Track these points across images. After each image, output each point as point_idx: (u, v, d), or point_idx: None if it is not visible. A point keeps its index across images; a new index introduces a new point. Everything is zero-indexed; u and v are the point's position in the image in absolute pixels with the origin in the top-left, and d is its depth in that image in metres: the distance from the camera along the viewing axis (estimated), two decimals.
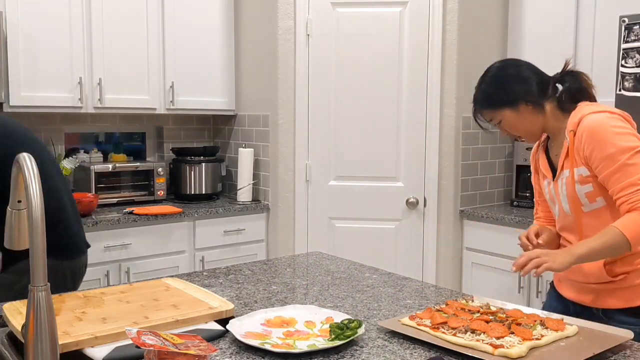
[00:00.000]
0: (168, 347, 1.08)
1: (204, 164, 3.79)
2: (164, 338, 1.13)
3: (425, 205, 3.52)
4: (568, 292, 1.80)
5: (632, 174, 1.58)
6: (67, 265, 2.06)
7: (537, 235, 1.83)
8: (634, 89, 2.66)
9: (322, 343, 1.31)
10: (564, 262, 1.56)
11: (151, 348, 1.08)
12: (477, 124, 1.90)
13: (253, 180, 3.78)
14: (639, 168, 1.58)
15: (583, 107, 1.71)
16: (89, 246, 2.21)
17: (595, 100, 1.77)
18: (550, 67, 1.90)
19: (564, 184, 1.73)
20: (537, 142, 1.92)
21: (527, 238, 1.80)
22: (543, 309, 1.88)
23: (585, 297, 1.74)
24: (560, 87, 1.78)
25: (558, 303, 1.84)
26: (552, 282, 1.92)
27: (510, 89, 1.76)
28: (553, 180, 1.79)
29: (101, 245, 3.11)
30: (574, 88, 1.75)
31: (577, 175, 1.68)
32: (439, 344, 1.28)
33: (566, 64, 1.80)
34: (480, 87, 1.84)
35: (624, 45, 2.69)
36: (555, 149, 1.82)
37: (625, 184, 1.58)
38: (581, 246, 1.60)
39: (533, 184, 1.99)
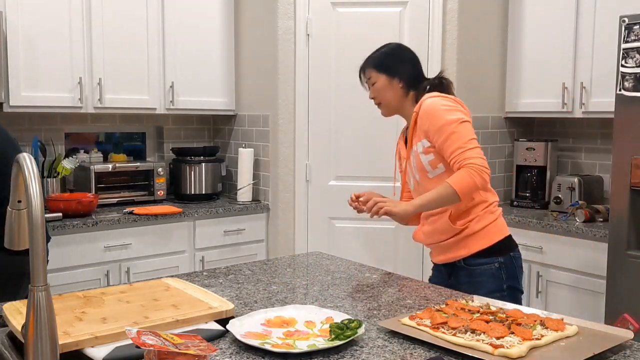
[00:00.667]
0: (168, 347, 1.08)
1: (204, 164, 3.79)
2: (164, 338, 1.13)
3: None
4: (436, 258, 2.13)
5: (458, 140, 1.92)
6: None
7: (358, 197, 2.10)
8: (634, 89, 2.66)
9: (322, 343, 1.31)
10: (404, 210, 1.95)
11: (151, 348, 1.07)
12: (359, 78, 2.22)
13: (253, 180, 3.78)
14: (463, 135, 1.92)
15: (426, 94, 2.07)
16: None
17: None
18: (551, 67, 1.90)
19: (414, 157, 2.06)
20: (400, 136, 2.27)
21: (352, 200, 2.11)
22: (430, 281, 2.18)
23: (447, 255, 2.06)
24: (428, 87, 2.13)
25: (436, 272, 2.17)
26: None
27: (398, 63, 2.15)
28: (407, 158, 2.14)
29: (101, 245, 3.11)
30: (433, 85, 2.12)
31: (421, 147, 2.02)
32: (439, 344, 1.28)
33: (441, 71, 2.22)
34: (380, 50, 2.22)
35: (624, 45, 2.69)
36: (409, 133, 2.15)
37: (454, 147, 1.92)
38: (419, 198, 1.97)
39: (400, 174, 2.28)
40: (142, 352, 1.22)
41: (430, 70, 3.47)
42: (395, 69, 2.13)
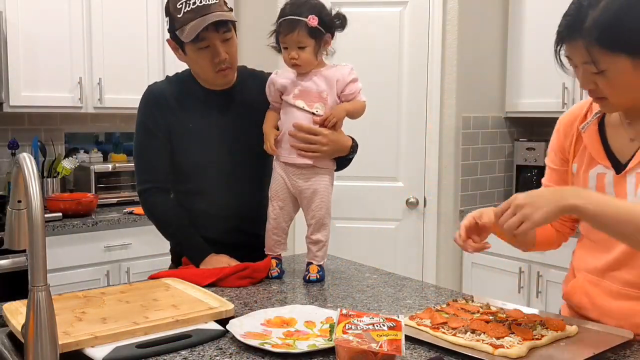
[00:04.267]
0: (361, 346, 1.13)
1: None
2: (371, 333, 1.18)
3: (425, 205, 3.52)
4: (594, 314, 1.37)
5: None
6: None
7: (472, 231, 1.40)
8: None
9: (322, 343, 1.30)
10: (550, 209, 1.16)
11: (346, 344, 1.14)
12: (557, 60, 1.32)
13: None
14: None
15: None
16: None
17: None
18: (551, 67, 1.90)
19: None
20: (583, 105, 1.45)
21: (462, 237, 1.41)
22: None
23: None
24: None
25: None
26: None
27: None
28: (617, 173, 1.34)
29: (101, 245, 3.11)
30: None
31: None
32: (439, 344, 1.28)
33: None
34: (602, 7, 1.20)
35: None
36: (626, 132, 1.35)
37: None
38: (585, 195, 1.19)
39: (549, 169, 1.52)
40: (142, 353, 1.23)
41: (430, 71, 3.48)
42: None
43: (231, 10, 1.89)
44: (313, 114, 1.80)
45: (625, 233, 1.18)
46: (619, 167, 1.33)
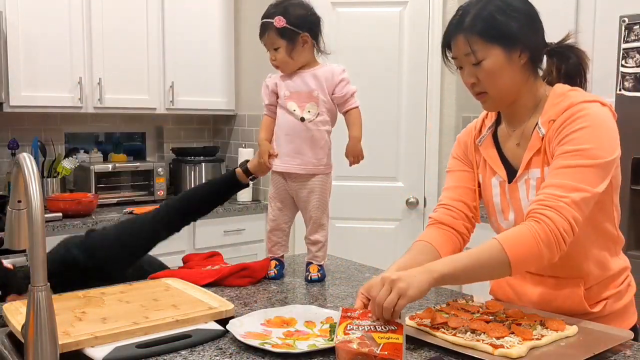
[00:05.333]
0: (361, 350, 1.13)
1: (204, 164, 3.79)
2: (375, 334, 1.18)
3: (425, 205, 3.52)
4: None
5: (574, 179, 1.26)
6: None
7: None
8: (634, 89, 2.66)
9: (322, 343, 1.30)
10: (422, 285, 1.21)
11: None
12: (444, 57, 1.44)
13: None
14: (586, 179, 1.26)
15: (570, 93, 1.37)
16: None
17: (585, 87, 1.45)
18: None
19: (531, 187, 1.37)
20: (475, 123, 1.57)
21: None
22: None
23: None
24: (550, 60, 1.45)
25: None
26: None
27: (516, 24, 1.33)
28: (509, 182, 1.44)
29: None
30: (572, 64, 1.42)
31: (541, 173, 1.37)
32: (439, 344, 1.28)
33: (568, 35, 1.45)
34: (479, 8, 1.35)
35: (624, 45, 2.69)
36: (513, 139, 1.46)
37: (557, 182, 1.27)
38: (445, 263, 1.27)
39: (453, 168, 1.59)
40: (142, 353, 1.23)
41: (430, 71, 3.48)
42: (515, 34, 1.34)
43: None
44: (302, 119, 1.81)
45: (482, 277, 1.30)
46: (512, 174, 1.43)
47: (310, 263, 1.90)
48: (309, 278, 1.85)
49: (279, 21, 1.80)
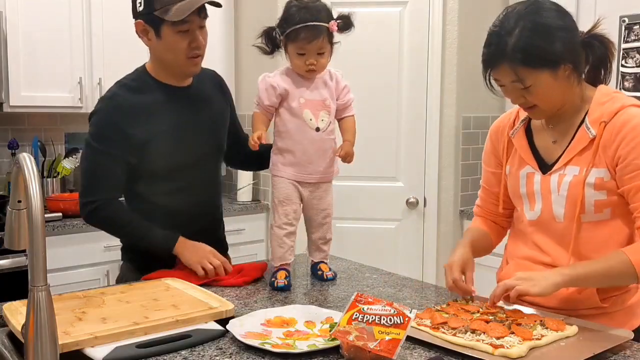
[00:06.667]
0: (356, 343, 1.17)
1: None
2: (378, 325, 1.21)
3: (425, 205, 3.52)
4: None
5: None
6: None
7: (463, 273, 1.52)
8: (634, 89, 2.66)
9: (322, 343, 1.31)
10: (549, 286, 1.33)
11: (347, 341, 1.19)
12: (488, 85, 1.48)
13: (253, 180, 3.78)
14: None
15: (616, 95, 1.42)
16: None
17: (609, 78, 1.50)
18: None
19: (566, 183, 1.42)
20: (510, 114, 1.63)
21: (456, 284, 1.51)
22: None
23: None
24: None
25: None
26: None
27: (558, 43, 1.35)
28: (543, 173, 1.50)
29: (101, 245, 3.11)
30: (598, 56, 1.44)
31: (595, 177, 1.39)
32: (439, 344, 1.28)
33: (598, 22, 1.44)
34: (518, 34, 1.36)
35: (624, 45, 2.69)
36: (550, 135, 1.51)
37: None
38: (577, 267, 1.37)
39: (485, 166, 1.69)
40: (142, 353, 1.23)
41: (430, 71, 3.47)
42: (556, 55, 1.36)
43: None
44: (317, 129, 1.78)
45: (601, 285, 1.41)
46: (544, 167, 1.50)
47: (320, 263, 1.92)
48: (325, 277, 1.87)
49: (334, 26, 1.76)
